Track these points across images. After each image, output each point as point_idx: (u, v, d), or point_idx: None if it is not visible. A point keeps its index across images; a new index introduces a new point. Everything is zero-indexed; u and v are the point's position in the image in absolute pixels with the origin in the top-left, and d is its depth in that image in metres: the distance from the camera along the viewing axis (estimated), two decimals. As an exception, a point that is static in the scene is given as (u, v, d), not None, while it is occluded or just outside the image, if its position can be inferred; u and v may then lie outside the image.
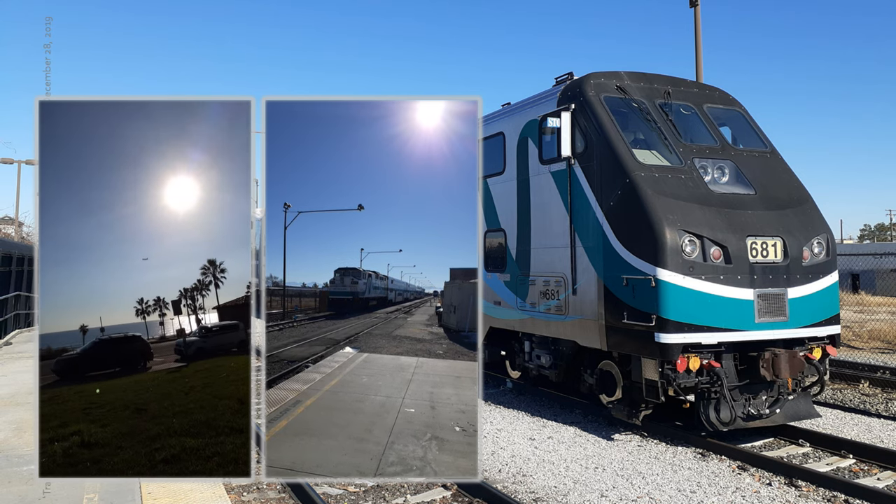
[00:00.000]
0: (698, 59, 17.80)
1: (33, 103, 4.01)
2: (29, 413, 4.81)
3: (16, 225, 43.42)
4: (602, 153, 8.72)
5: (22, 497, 5.41)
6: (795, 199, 8.92)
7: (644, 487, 6.79)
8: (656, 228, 7.83)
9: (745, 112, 10.15)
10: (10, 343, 16.97)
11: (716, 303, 7.80)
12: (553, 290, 9.50)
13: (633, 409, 8.42)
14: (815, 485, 6.75)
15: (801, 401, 8.48)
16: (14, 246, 25.55)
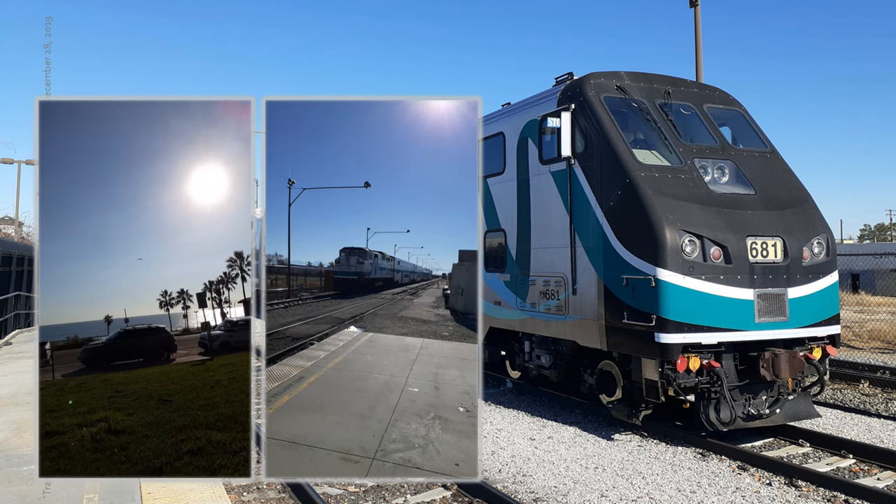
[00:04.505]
0: (698, 59, 17.80)
1: (33, 103, 4.02)
2: (29, 413, 4.81)
3: (16, 225, 43.41)
4: (602, 153, 8.72)
5: (22, 497, 5.41)
6: (795, 199, 8.92)
7: (644, 487, 6.79)
8: (656, 228, 7.83)
9: (745, 112, 10.15)
10: (10, 343, 16.97)
11: (716, 303, 7.80)
12: (553, 290, 9.50)
13: (633, 409, 8.42)
14: (815, 485, 6.75)
15: (801, 401, 8.48)
16: (14, 246, 25.53)
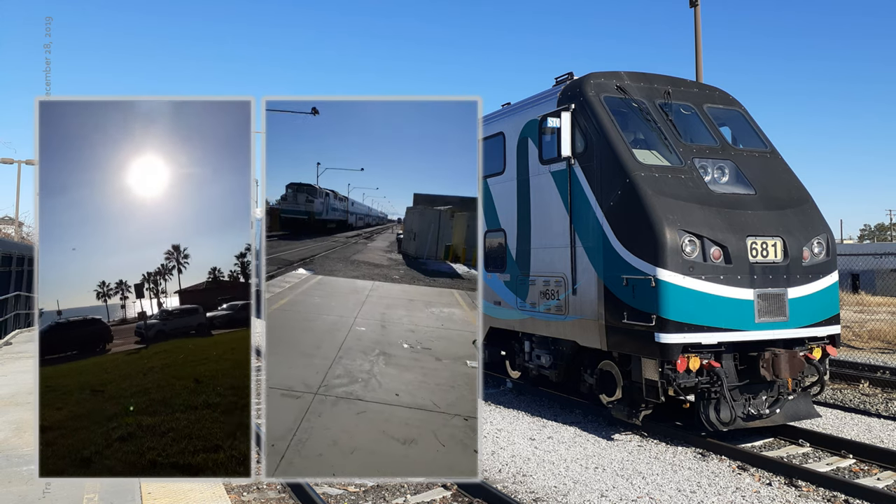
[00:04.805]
0: (698, 59, 17.80)
1: (33, 103, 4.02)
2: (29, 413, 4.82)
3: (16, 225, 43.42)
4: (602, 153, 8.72)
5: (22, 497, 5.41)
6: (795, 199, 8.92)
7: (644, 487, 6.79)
8: (656, 228, 7.83)
9: (745, 112, 10.15)
10: (10, 343, 16.98)
11: (716, 303, 7.80)
12: (553, 290, 9.50)
13: (633, 409, 8.42)
14: (815, 485, 6.75)
15: (801, 401, 8.48)
16: (14, 246, 25.54)
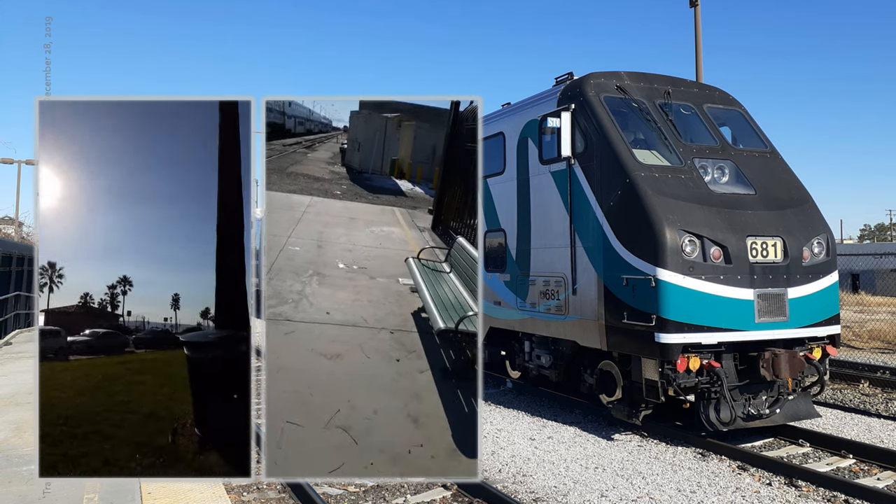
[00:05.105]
0: (698, 59, 17.79)
1: (33, 103, 4.02)
2: (29, 413, 4.82)
3: (16, 225, 43.40)
4: (602, 153, 8.72)
5: (22, 497, 5.41)
6: (795, 199, 8.92)
7: (644, 487, 6.79)
8: (656, 228, 7.83)
9: (745, 112, 10.15)
10: (10, 343, 16.97)
11: (716, 303, 7.80)
12: (553, 290, 9.50)
13: (633, 409, 8.42)
14: (815, 485, 6.75)
15: (801, 401, 8.48)
16: (14, 246, 25.55)
